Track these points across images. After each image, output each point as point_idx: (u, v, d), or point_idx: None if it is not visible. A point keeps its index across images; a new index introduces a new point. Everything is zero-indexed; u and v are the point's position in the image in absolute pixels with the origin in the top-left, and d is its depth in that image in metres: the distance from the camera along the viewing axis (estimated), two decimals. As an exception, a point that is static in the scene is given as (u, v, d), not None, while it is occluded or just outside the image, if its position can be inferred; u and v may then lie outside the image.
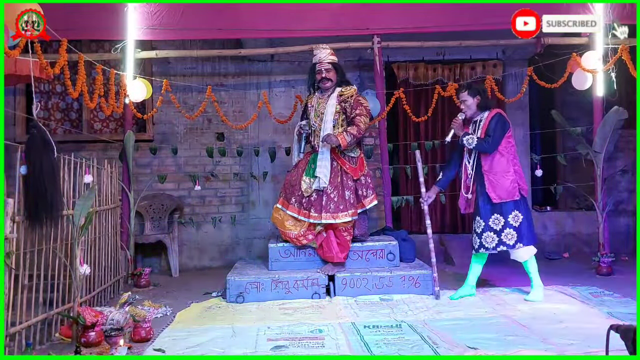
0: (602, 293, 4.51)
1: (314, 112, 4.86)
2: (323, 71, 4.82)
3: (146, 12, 5.46)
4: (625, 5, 5.34)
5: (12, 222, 3.17)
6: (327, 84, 4.84)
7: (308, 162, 4.87)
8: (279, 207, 4.89)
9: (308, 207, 4.74)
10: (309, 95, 5.04)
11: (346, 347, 3.33)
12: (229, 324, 3.92)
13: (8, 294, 3.12)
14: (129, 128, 5.74)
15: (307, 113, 4.97)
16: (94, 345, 3.40)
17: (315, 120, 4.84)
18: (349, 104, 4.77)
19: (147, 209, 6.14)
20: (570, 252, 6.47)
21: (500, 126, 4.34)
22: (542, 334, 3.44)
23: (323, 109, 4.82)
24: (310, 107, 4.93)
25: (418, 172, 4.65)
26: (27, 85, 5.95)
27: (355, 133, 4.69)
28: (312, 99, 4.97)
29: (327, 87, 4.85)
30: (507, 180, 4.31)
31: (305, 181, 4.79)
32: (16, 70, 3.49)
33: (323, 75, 4.82)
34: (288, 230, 4.81)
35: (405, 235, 5.27)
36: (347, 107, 4.77)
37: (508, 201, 4.32)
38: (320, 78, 4.84)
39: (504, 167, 4.33)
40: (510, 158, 4.37)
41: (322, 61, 4.82)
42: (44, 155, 3.24)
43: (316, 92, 4.96)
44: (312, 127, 4.87)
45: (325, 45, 4.95)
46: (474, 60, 6.54)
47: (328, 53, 4.86)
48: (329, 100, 4.81)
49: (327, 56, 4.84)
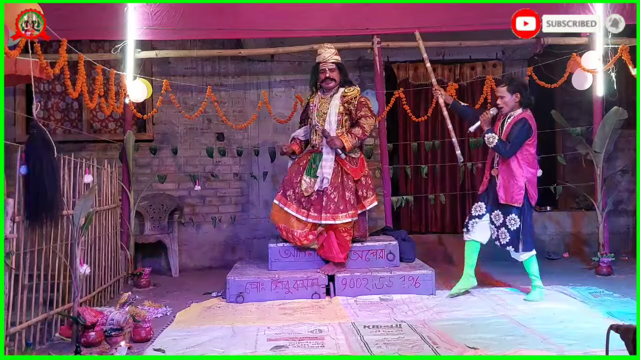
0: (602, 293, 4.51)
1: (317, 112, 4.83)
2: (327, 71, 4.78)
3: (146, 12, 5.46)
4: (625, 5, 5.34)
5: (12, 222, 3.17)
6: (330, 83, 4.80)
7: (309, 161, 4.83)
8: (277, 203, 4.83)
9: (307, 207, 4.72)
10: (311, 95, 5.01)
11: (346, 347, 3.32)
12: (229, 324, 3.92)
13: (8, 294, 3.12)
14: (129, 128, 5.74)
15: (309, 112, 4.94)
16: (94, 345, 3.40)
17: (317, 120, 4.81)
18: (353, 105, 4.76)
19: (147, 209, 6.14)
20: (570, 252, 6.47)
21: (523, 132, 4.23)
22: (542, 334, 3.43)
23: (326, 109, 4.79)
24: (313, 107, 4.89)
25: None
26: (27, 85, 5.95)
27: (360, 135, 4.71)
28: (314, 98, 4.93)
29: (331, 87, 4.82)
30: (515, 185, 4.27)
31: (306, 180, 4.77)
32: (16, 71, 3.48)
33: (327, 75, 4.78)
34: (293, 227, 4.74)
35: (405, 235, 5.27)
36: (352, 108, 4.76)
37: (512, 205, 4.30)
38: (324, 77, 4.79)
39: (513, 172, 4.27)
40: (523, 165, 4.27)
41: (327, 60, 4.79)
42: (44, 155, 3.24)
43: (318, 92, 4.93)
44: (315, 127, 4.85)
45: (330, 45, 4.92)
46: (474, 60, 6.54)
47: (332, 53, 4.83)
48: (333, 101, 4.79)
49: (331, 56, 4.81)
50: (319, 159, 4.77)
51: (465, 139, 6.44)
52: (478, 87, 6.14)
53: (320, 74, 4.82)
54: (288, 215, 4.78)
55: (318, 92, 4.94)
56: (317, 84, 4.93)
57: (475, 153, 6.44)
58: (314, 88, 4.99)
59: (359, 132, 4.70)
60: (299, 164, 4.89)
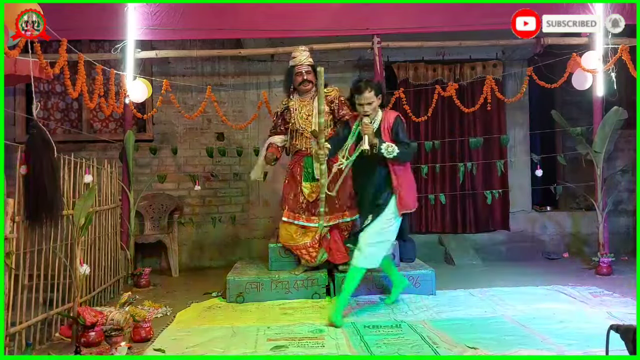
0: (602, 293, 4.51)
1: (298, 115, 4.78)
2: (303, 73, 4.73)
3: (146, 12, 5.46)
4: (625, 5, 5.34)
5: (12, 222, 3.17)
6: (307, 86, 4.75)
7: (303, 168, 4.78)
8: (287, 220, 4.74)
9: (317, 213, 4.60)
10: (288, 100, 4.88)
11: (346, 347, 3.32)
12: (229, 324, 3.92)
13: (8, 294, 3.12)
14: (128, 128, 5.74)
15: (289, 117, 4.81)
16: (94, 345, 3.40)
17: (302, 123, 4.74)
18: (335, 105, 4.75)
19: (147, 209, 6.14)
20: (570, 252, 6.47)
21: (404, 129, 4.04)
22: (542, 334, 3.43)
23: (309, 112, 4.75)
24: (294, 110, 4.80)
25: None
26: (27, 85, 5.96)
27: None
28: (293, 102, 4.83)
29: (308, 89, 4.77)
30: (413, 191, 4.16)
31: (307, 187, 4.74)
32: (16, 70, 3.48)
33: (304, 78, 4.73)
34: (298, 242, 4.69)
35: (406, 235, 5.26)
36: (335, 107, 4.75)
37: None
38: (302, 80, 4.74)
39: (410, 175, 4.16)
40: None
41: (302, 63, 4.75)
42: (44, 155, 3.24)
43: (294, 96, 4.85)
44: (299, 130, 4.77)
45: (304, 47, 4.87)
46: (474, 60, 6.54)
47: (307, 55, 4.80)
48: (315, 102, 4.71)
49: (307, 58, 4.78)
50: (311, 161, 4.71)
51: (465, 139, 6.45)
52: (478, 87, 6.14)
53: (296, 76, 4.76)
54: (297, 228, 4.71)
55: (293, 96, 4.86)
56: (290, 88, 4.86)
57: (475, 153, 6.44)
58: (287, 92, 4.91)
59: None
60: (293, 177, 4.81)
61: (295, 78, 4.77)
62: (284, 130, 4.92)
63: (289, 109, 4.84)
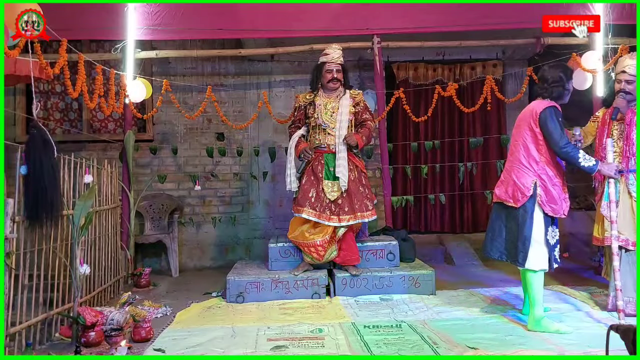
0: (602, 293, 4.51)
1: (324, 111, 4.78)
2: (334, 71, 4.74)
3: (146, 12, 5.46)
4: (625, 5, 5.34)
5: (12, 222, 3.18)
6: (336, 84, 4.77)
7: (324, 165, 4.71)
8: (305, 217, 4.60)
9: (337, 212, 4.59)
10: (313, 94, 4.86)
11: (346, 347, 3.33)
12: (229, 324, 3.92)
13: (8, 294, 3.12)
14: (129, 128, 5.74)
15: (312, 112, 4.80)
16: (94, 345, 3.40)
17: (326, 119, 4.73)
18: (360, 107, 4.80)
19: (147, 209, 6.15)
20: (570, 252, 6.47)
21: None
22: (542, 334, 3.44)
23: (334, 109, 4.74)
24: (319, 106, 4.78)
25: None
26: (27, 85, 5.96)
27: (368, 135, 4.77)
28: (317, 97, 4.82)
29: (336, 87, 4.79)
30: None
31: (329, 185, 4.66)
32: (16, 70, 3.48)
33: (334, 76, 4.74)
34: (309, 240, 4.62)
35: (405, 235, 5.27)
36: (359, 110, 4.79)
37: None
38: (331, 78, 4.74)
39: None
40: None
41: (334, 61, 4.76)
42: (44, 155, 3.24)
43: (319, 91, 4.86)
44: (322, 126, 4.74)
45: (338, 46, 4.88)
46: (474, 60, 6.55)
47: (340, 54, 4.80)
48: (342, 101, 4.74)
49: (339, 57, 4.79)
50: (332, 159, 4.69)
51: (465, 139, 6.45)
52: (478, 87, 6.14)
53: (326, 73, 4.76)
54: (311, 226, 4.65)
55: (319, 91, 4.86)
56: (317, 84, 4.85)
57: (475, 153, 6.44)
58: (313, 87, 4.90)
59: (367, 132, 4.76)
60: (314, 174, 4.72)
61: (325, 75, 4.77)
62: (304, 124, 4.94)
63: (313, 104, 4.82)
